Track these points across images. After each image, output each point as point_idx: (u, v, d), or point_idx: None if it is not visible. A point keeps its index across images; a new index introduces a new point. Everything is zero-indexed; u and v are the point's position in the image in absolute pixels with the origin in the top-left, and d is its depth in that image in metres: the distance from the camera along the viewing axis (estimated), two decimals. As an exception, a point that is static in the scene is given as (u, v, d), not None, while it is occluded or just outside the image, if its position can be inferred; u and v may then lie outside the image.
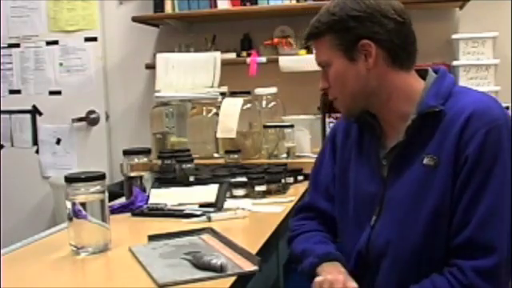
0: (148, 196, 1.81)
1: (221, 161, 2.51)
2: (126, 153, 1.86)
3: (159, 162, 2.07)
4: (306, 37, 1.34)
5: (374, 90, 1.29)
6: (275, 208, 1.77)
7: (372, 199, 1.31)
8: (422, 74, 1.33)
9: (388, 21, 1.26)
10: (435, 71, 1.33)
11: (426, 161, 1.22)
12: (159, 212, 1.71)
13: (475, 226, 1.15)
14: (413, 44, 1.31)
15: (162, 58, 2.87)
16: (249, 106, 2.67)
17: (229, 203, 1.76)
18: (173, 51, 3.10)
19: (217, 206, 1.70)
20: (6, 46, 3.52)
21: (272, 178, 1.99)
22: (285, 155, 2.55)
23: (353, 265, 1.32)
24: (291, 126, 2.52)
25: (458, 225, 1.17)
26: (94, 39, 3.40)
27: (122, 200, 1.89)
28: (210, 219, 1.59)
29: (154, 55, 3.04)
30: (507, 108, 2.52)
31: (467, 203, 1.17)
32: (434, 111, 1.23)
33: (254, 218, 1.62)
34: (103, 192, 1.34)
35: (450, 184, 1.19)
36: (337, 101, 1.34)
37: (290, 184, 2.08)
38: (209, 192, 1.76)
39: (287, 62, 2.92)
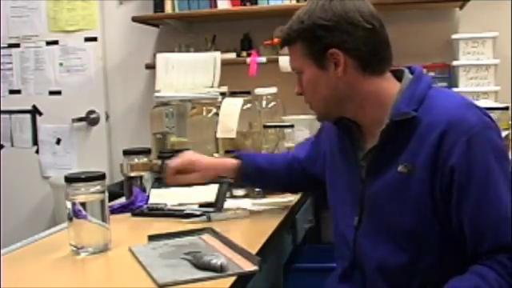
0: (148, 196, 1.81)
1: (221, 161, 2.51)
2: (126, 153, 1.86)
3: (159, 161, 2.07)
4: (281, 43, 1.36)
5: (346, 97, 1.29)
6: (275, 208, 1.77)
7: (352, 198, 1.32)
8: (399, 75, 1.32)
9: (355, 29, 1.25)
10: (412, 72, 1.32)
11: (400, 168, 1.22)
12: (159, 212, 1.71)
13: (491, 235, 1.13)
14: (385, 49, 1.30)
15: (161, 58, 2.87)
16: (249, 105, 2.66)
17: (229, 203, 1.76)
18: (173, 51, 3.10)
19: (217, 206, 1.70)
20: (5, 46, 3.52)
21: (272, 178, 1.99)
22: (285, 155, 2.55)
23: (347, 266, 1.33)
24: (291, 126, 2.52)
25: (472, 237, 1.15)
26: (94, 39, 3.40)
27: (122, 200, 1.89)
28: (209, 219, 1.59)
29: (154, 55, 3.04)
30: (506, 108, 2.52)
31: (472, 215, 1.15)
32: (407, 118, 1.21)
33: (254, 217, 1.62)
34: (103, 192, 1.34)
35: (426, 191, 1.18)
36: (311, 106, 1.37)
37: (290, 184, 2.08)
38: (209, 192, 1.76)
39: (287, 62, 2.90)
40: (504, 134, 2.46)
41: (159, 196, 1.79)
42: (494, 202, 1.13)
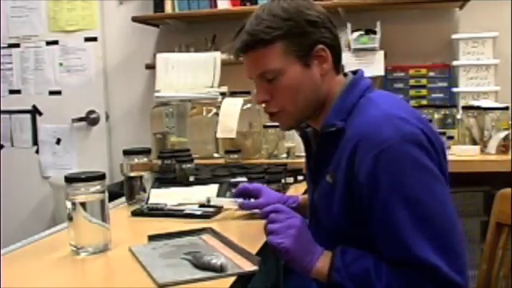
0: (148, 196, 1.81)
1: (221, 161, 2.51)
2: (126, 153, 1.86)
3: (159, 161, 2.07)
4: (249, 44, 1.27)
5: (322, 97, 1.29)
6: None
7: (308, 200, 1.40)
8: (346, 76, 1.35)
9: (332, 26, 1.29)
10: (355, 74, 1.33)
11: (327, 178, 1.25)
12: (159, 212, 1.71)
13: (388, 253, 1.13)
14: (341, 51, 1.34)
15: (161, 58, 2.87)
16: (249, 105, 2.67)
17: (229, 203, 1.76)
18: (173, 51, 3.11)
19: (217, 205, 1.70)
20: (5, 46, 3.53)
21: (272, 177, 1.99)
22: (285, 155, 2.55)
23: None
24: (291, 126, 2.52)
25: (383, 251, 1.15)
26: (94, 39, 3.40)
27: (122, 200, 1.89)
28: (209, 201, 1.62)
29: (154, 55, 3.04)
30: (506, 108, 2.52)
31: (379, 233, 1.15)
32: (336, 129, 1.23)
33: (253, 218, 1.61)
34: (103, 192, 1.34)
35: (345, 204, 1.20)
36: (282, 113, 1.30)
37: (290, 184, 2.08)
38: (209, 192, 1.76)
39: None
40: (504, 134, 2.47)
41: (159, 196, 1.79)
42: (397, 222, 1.10)
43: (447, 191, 1.16)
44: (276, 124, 2.57)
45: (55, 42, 3.45)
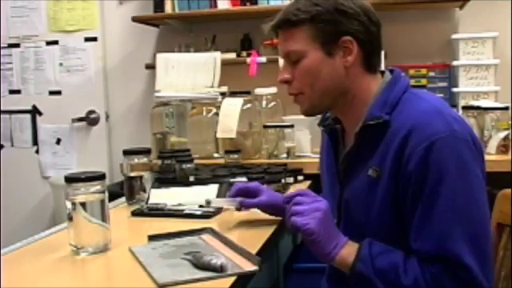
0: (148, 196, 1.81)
1: (221, 161, 2.51)
2: (126, 153, 1.86)
3: (159, 161, 2.07)
4: (279, 23, 1.28)
5: (344, 89, 1.27)
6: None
7: (333, 201, 1.33)
8: (382, 75, 1.32)
9: (370, 23, 1.27)
10: (392, 72, 1.31)
11: (370, 172, 1.22)
12: (159, 212, 1.71)
13: (432, 243, 1.11)
14: (381, 50, 1.31)
15: (161, 58, 2.87)
16: (249, 105, 2.67)
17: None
18: (173, 51, 3.10)
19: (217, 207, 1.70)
20: (5, 46, 3.52)
21: (272, 177, 1.99)
22: (285, 155, 2.55)
23: (331, 267, 1.34)
24: (291, 126, 2.52)
25: (416, 240, 1.14)
26: (94, 39, 3.40)
27: (122, 200, 1.89)
28: (209, 203, 1.59)
29: (154, 55, 3.04)
30: (506, 108, 2.52)
31: (419, 219, 1.13)
32: (379, 122, 1.20)
33: (254, 218, 1.61)
34: (103, 192, 1.34)
35: (389, 197, 1.17)
36: (302, 96, 1.30)
37: (290, 184, 2.08)
38: (209, 192, 1.76)
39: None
40: (504, 134, 2.47)
41: (159, 196, 1.79)
42: (441, 212, 1.10)
43: (486, 196, 1.16)
44: (276, 124, 2.60)
45: (55, 42, 3.45)
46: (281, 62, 1.37)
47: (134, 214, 1.72)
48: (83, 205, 1.31)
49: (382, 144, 1.20)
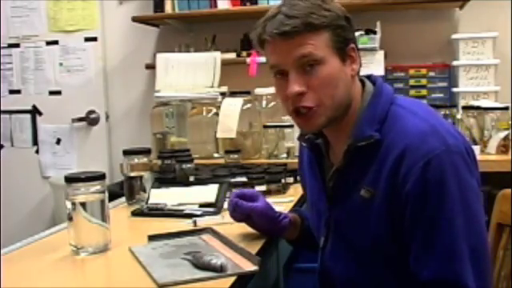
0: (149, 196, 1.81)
1: (221, 161, 2.51)
2: (126, 153, 1.86)
3: (159, 161, 2.07)
4: (298, 26, 1.14)
5: (350, 100, 1.20)
6: (275, 208, 1.76)
7: (320, 218, 1.30)
8: (361, 82, 1.26)
9: (355, 29, 1.25)
10: (372, 81, 1.25)
11: (362, 192, 1.17)
12: (159, 212, 1.71)
13: (433, 266, 1.09)
14: None
15: (161, 58, 2.88)
16: (249, 105, 2.67)
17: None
18: (173, 51, 3.10)
19: (217, 206, 1.70)
20: (5, 46, 3.52)
21: (272, 178, 1.99)
22: (285, 155, 2.55)
23: (318, 283, 1.34)
24: (291, 126, 2.52)
25: (415, 263, 1.11)
26: (94, 39, 3.40)
27: (122, 200, 1.89)
28: (195, 223, 1.57)
29: (154, 55, 3.04)
30: (506, 108, 2.52)
31: (421, 242, 1.10)
32: (370, 141, 1.16)
33: (254, 218, 1.61)
34: (103, 192, 1.34)
35: (384, 218, 1.14)
36: (319, 109, 1.17)
37: (290, 184, 2.08)
38: (209, 192, 1.76)
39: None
40: (504, 134, 2.47)
41: (159, 196, 1.79)
42: (444, 233, 1.08)
43: (482, 207, 1.14)
44: (276, 124, 2.60)
45: (55, 42, 3.45)
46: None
47: (134, 214, 1.72)
48: (83, 205, 1.31)
49: (374, 163, 1.16)
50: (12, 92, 3.54)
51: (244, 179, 1.95)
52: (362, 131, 1.18)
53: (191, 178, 1.94)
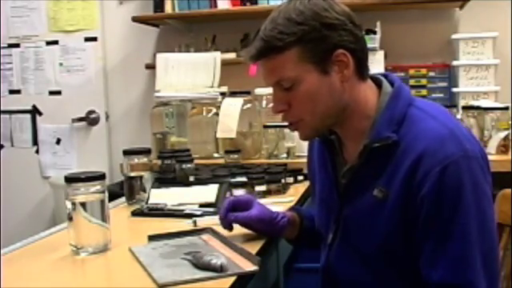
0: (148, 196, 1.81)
1: (221, 161, 2.51)
2: (126, 153, 1.86)
3: (159, 161, 2.07)
4: (262, 51, 1.16)
5: (345, 105, 1.19)
6: (275, 208, 1.76)
7: (329, 214, 1.30)
8: (377, 82, 1.24)
9: (356, 28, 1.18)
10: (390, 81, 1.24)
11: (376, 192, 1.17)
12: (159, 212, 1.71)
13: (443, 271, 1.09)
14: (368, 52, 1.24)
15: (161, 58, 2.87)
16: (249, 105, 2.67)
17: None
18: (173, 51, 3.10)
19: (217, 206, 1.70)
20: (5, 46, 3.52)
21: (272, 178, 1.99)
22: (285, 155, 2.55)
23: (323, 280, 1.33)
24: (291, 126, 2.52)
25: (425, 265, 1.12)
26: (94, 39, 3.40)
27: (122, 200, 1.89)
28: (195, 223, 1.57)
29: (154, 55, 3.04)
30: (506, 108, 2.52)
31: (434, 245, 1.10)
32: (387, 142, 1.15)
33: (254, 218, 1.61)
34: (103, 192, 1.34)
35: (397, 220, 1.14)
36: (302, 122, 1.21)
37: (290, 184, 2.08)
38: (209, 192, 1.76)
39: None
40: (504, 134, 2.47)
41: (159, 196, 1.79)
42: (457, 238, 1.08)
43: (494, 214, 1.15)
44: (276, 124, 2.60)
45: (55, 42, 3.45)
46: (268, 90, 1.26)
47: (134, 214, 1.72)
48: (83, 205, 1.31)
49: (389, 164, 1.15)
50: (12, 92, 3.54)
51: (244, 179, 1.94)
52: (378, 132, 1.17)
53: (191, 178, 1.94)
